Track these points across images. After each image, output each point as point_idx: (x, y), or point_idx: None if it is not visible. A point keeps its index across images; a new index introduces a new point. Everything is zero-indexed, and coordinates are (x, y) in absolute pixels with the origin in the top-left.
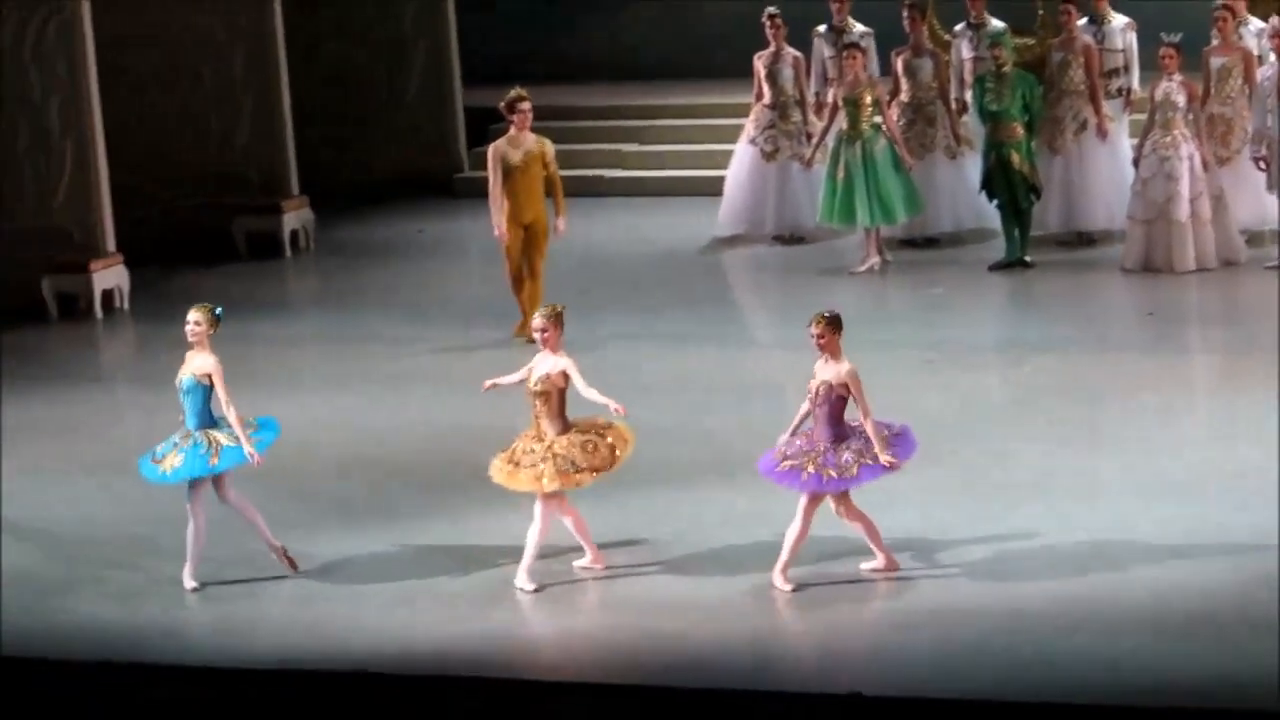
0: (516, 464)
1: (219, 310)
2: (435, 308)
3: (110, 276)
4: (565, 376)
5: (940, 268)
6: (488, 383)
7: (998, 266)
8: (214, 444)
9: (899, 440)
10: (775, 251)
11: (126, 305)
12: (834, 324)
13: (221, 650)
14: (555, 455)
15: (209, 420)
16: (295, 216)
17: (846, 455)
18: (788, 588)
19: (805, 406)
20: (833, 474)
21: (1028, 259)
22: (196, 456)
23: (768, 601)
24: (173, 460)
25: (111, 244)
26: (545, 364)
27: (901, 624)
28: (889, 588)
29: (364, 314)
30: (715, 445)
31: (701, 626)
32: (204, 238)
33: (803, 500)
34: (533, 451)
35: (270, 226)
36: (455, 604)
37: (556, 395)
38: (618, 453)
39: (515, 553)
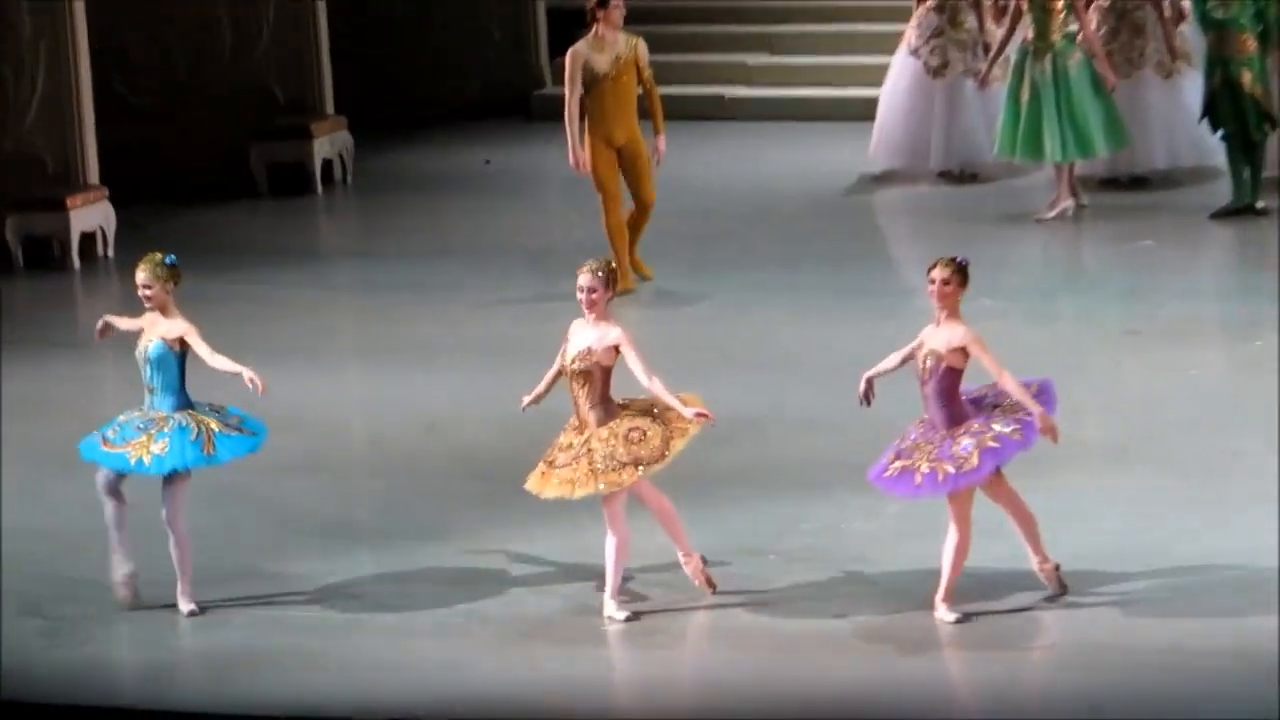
0: (551, 464)
1: (170, 258)
2: (504, 258)
3: (91, 216)
4: (615, 352)
5: (1150, 215)
6: (526, 400)
7: (1222, 214)
8: (205, 429)
9: (1041, 397)
10: (941, 192)
11: (111, 252)
12: (963, 273)
13: (220, 695)
14: (592, 452)
15: (186, 400)
16: (329, 142)
17: (965, 442)
18: (951, 618)
19: (893, 360)
20: (949, 469)
21: (1260, 205)
22: (185, 444)
23: (927, 635)
24: (148, 446)
25: (94, 175)
26: (586, 335)
27: (1086, 664)
28: (1075, 618)
29: (413, 266)
30: (859, 438)
31: (844, 667)
32: (213, 168)
33: (949, 503)
34: (570, 448)
35: (297, 155)
36: (526, 639)
37: (600, 376)
38: (672, 443)
39: (597, 572)
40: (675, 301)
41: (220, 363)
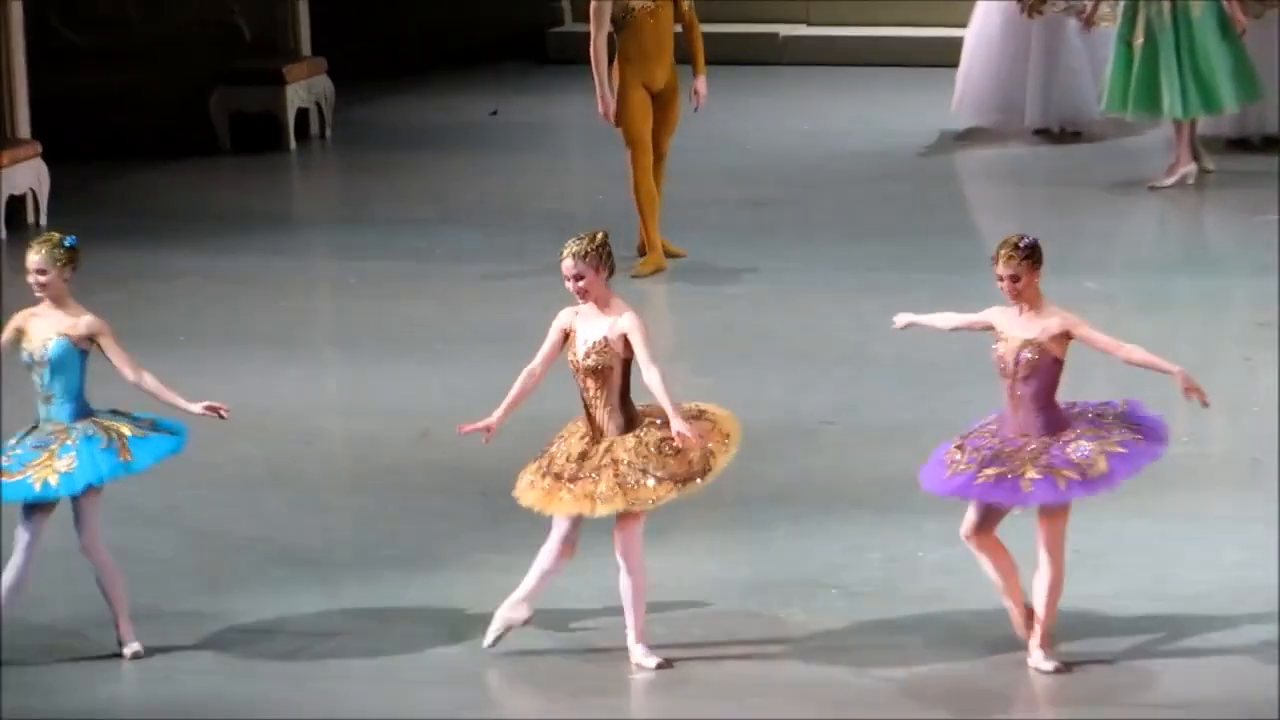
0: (558, 477)
1: (70, 240)
2: (514, 227)
3: (21, 176)
4: (627, 343)
5: None
6: (492, 420)
7: None
8: (115, 435)
9: (1139, 427)
10: (1038, 153)
11: (44, 219)
12: (1033, 256)
13: None
14: (617, 463)
15: (87, 407)
16: (305, 89)
17: (1083, 446)
18: (1048, 666)
19: (947, 322)
20: (1071, 475)
21: None
22: (95, 453)
23: (1019, 687)
24: (51, 464)
25: (25, 128)
26: (596, 324)
27: None
28: (1195, 669)
29: (405, 237)
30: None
31: None
32: (166, 119)
33: (1040, 527)
34: (585, 458)
35: (266, 103)
36: (539, 689)
37: (620, 370)
38: (714, 459)
39: (617, 614)
40: (716, 281)
41: (150, 383)
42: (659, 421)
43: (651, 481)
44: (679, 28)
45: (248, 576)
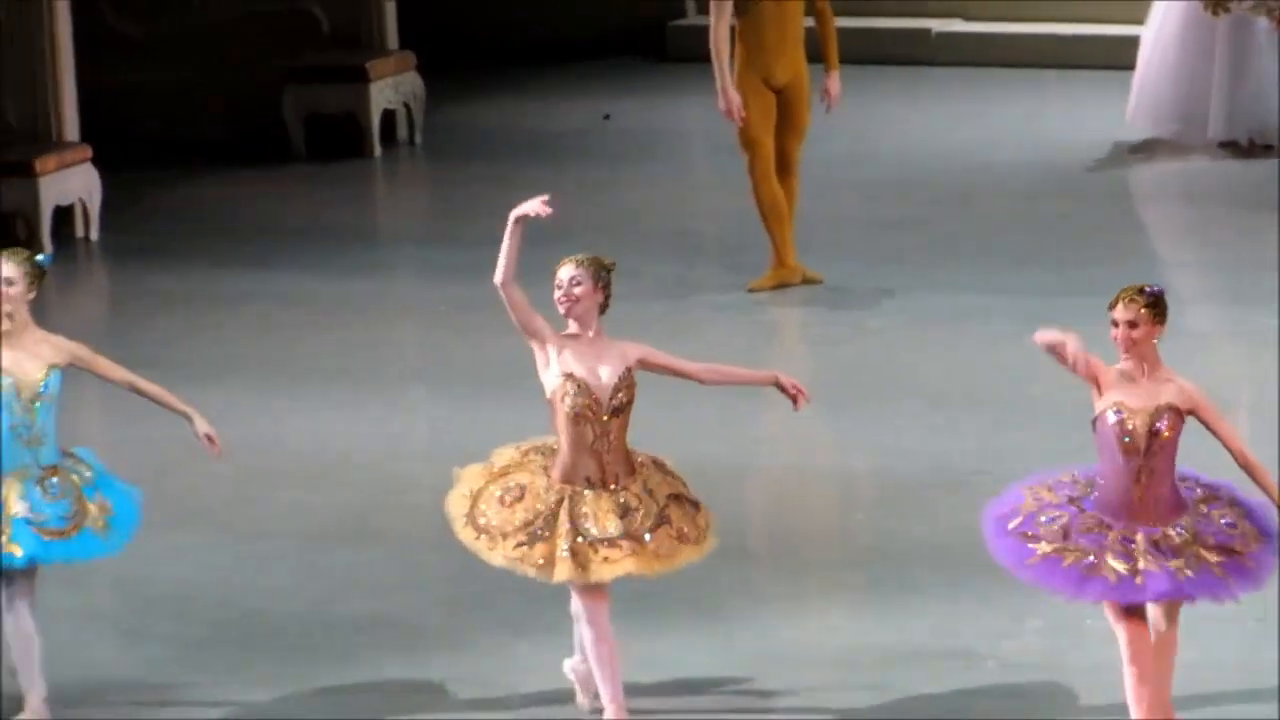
0: (579, 536)
1: (42, 257)
2: (627, 245)
3: (68, 185)
4: (644, 367)
5: None
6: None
7: None
8: (78, 495)
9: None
10: (1222, 169)
11: (95, 233)
12: (1156, 306)
13: None
14: (669, 516)
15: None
16: (391, 87)
17: (1224, 522)
18: None
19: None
20: (1186, 570)
21: None
22: (126, 496)
23: None
24: (89, 512)
25: (73, 131)
26: (600, 361)
27: None
28: None
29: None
30: None
31: None
32: (232, 120)
33: (1121, 626)
34: (608, 511)
35: (347, 103)
36: None
37: (631, 408)
38: (710, 533)
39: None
40: (852, 311)
41: (152, 389)
42: (651, 468)
43: (686, 540)
44: (811, 20)
45: (327, 639)
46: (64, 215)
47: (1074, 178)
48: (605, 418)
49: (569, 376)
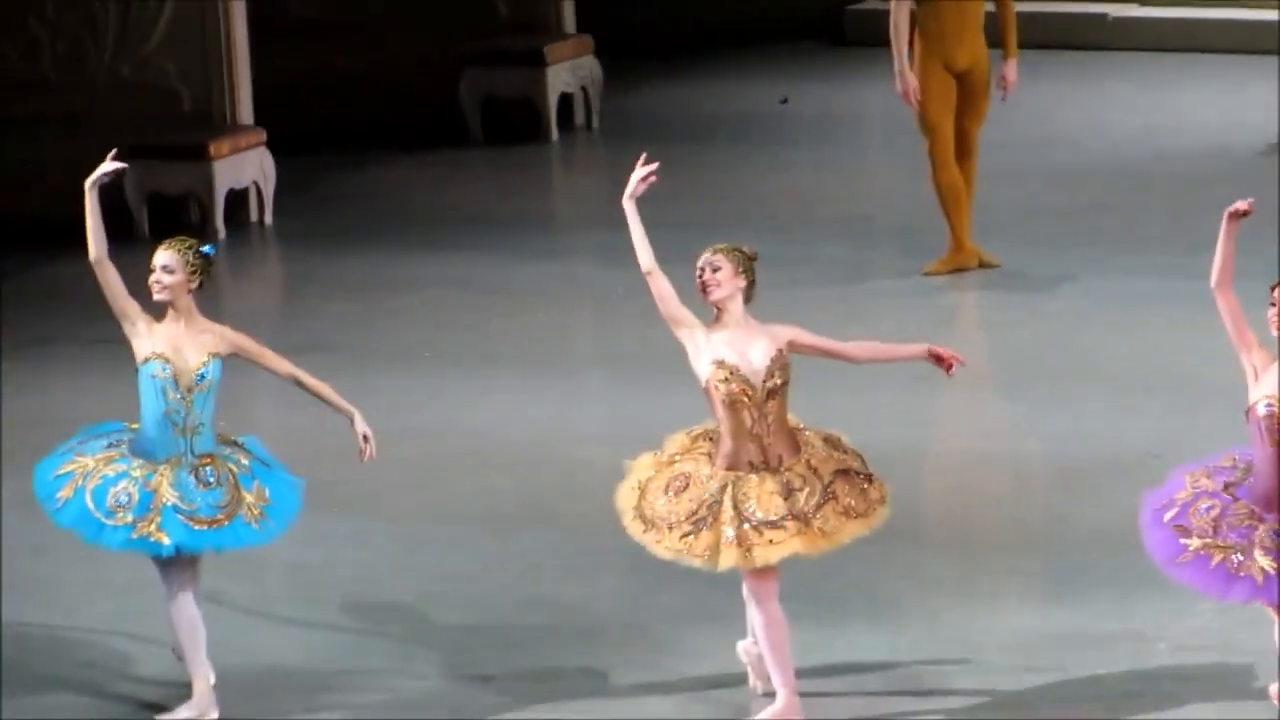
0: (743, 521)
1: (208, 248)
2: (806, 232)
3: (243, 169)
4: (796, 349)
5: None
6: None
7: None
8: (234, 483)
9: None
10: None
11: (269, 217)
12: None
13: None
14: (834, 491)
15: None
16: (569, 71)
17: None
18: None
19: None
20: None
21: None
22: (286, 483)
23: None
24: (246, 500)
25: (247, 114)
26: (749, 344)
27: None
28: None
29: (681, 242)
30: None
31: None
32: (407, 104)
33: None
34: (772, 494)
35: (524, 87)
36: None
37: (788, 390)
38: (883, 505)
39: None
40: (1030, 294)
41: (317, 386)
42: (818, 444)
43: (856, 514)
44: (991, 5)
45: (502, 625)
46: (238, 199)
47: (1249, 162)
48: (761, 401)
49: (720, 364)
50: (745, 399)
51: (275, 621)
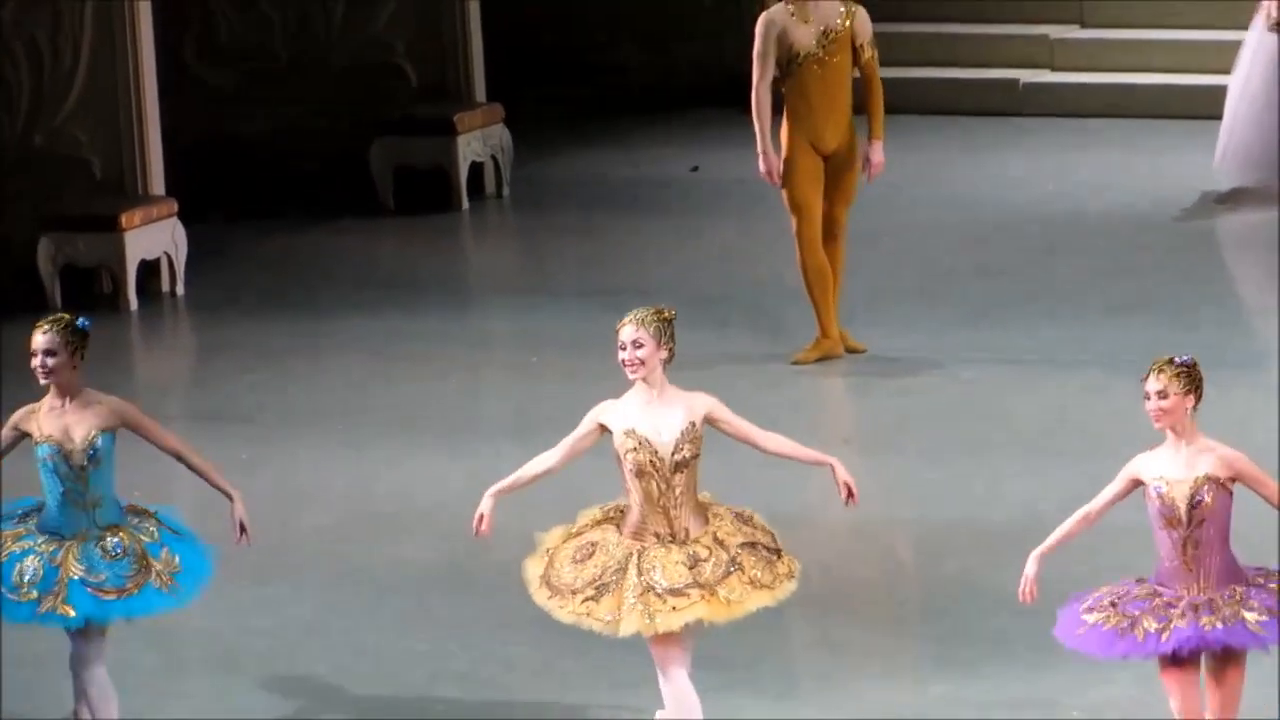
0: (647, 589)
1: (83, 322)
2: (721, 304)
3: (154, 239)
4: (710, 423)
5: None
6: (484, 508)
7: None
8: (141, 552)
9: None
10: None
11: (180, 288)
12: (1192, 379)
13: None
14: (740, 563)
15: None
16: (479, 140)
17: (1262, 595)
18: None
19: (1077, 520)
20: (1215, 622)
21: None
22: (197, 552)
23: None
24: (154, 568)
25: (159, 184)
26: (663, 415)
27: None
28: None
29: (590, 311)
30: None
31: None
32: (319, 172)
33: (1172, 687)
34: (693, 564)
35: (435, 156)
36: None
37: (698, 462)
38: (790, 580)
39: None
40: (944, 360)
41: (197, 461)
42: (725, 518)
43: (771, 581)
44: (859, 73)
45: (415, 696)
46: (150, 269)
47: (1162, 227)
48: (669, 473)
49: (630, 433)
50: (653, 469)
51: (186, 691)
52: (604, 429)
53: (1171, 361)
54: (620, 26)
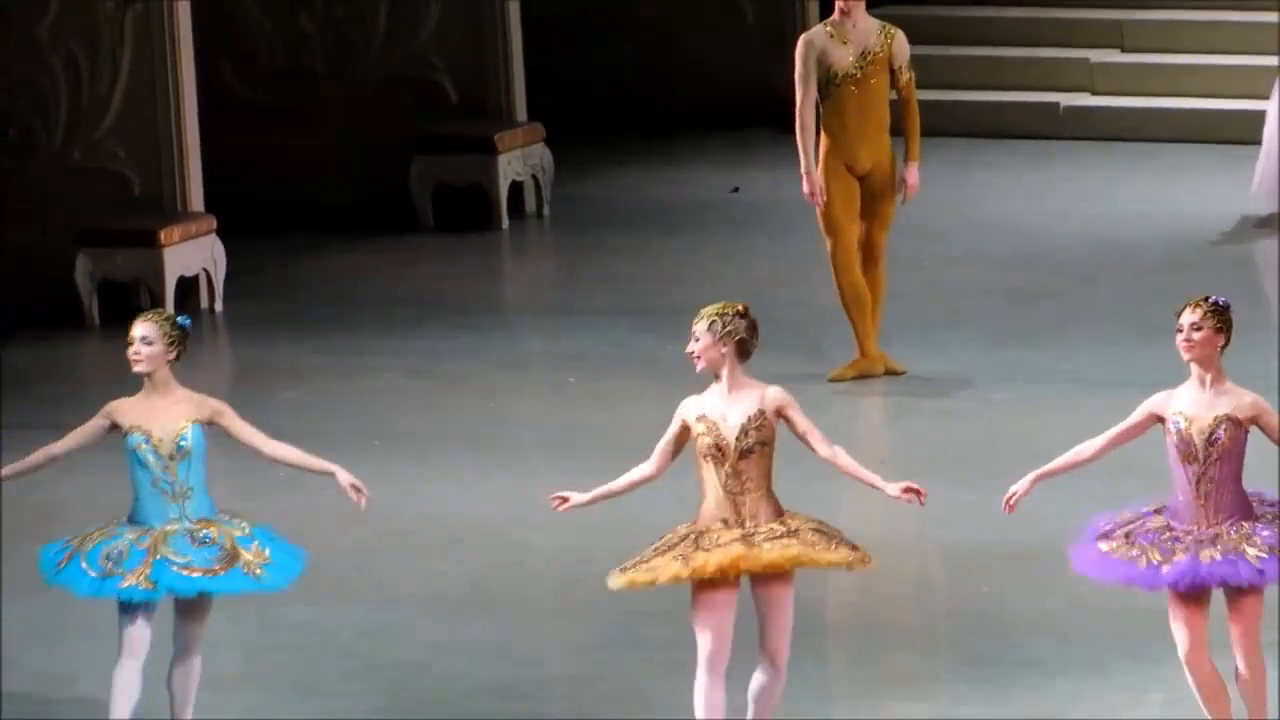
0: (697, 549)
1: (184, 319)
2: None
3: (193, 255)
4: (780, 417)
5: None
6: (570, 501)
7: None
8: (231, 544)
9: None
10: None
11: (219, 304)
12: (1225, 320)
13: None
14: (801, 531)
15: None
16: (519, 159)
17: (1266, 532)
18: None
19: (1090, 449)
20: (1215, 554)
21: None
22: (282, 545)
23: None
24: (243, 556)
25: (198, 200)
26: (735, 404)
27: None
28: None
29: (628, 331)
30: None
31: None
32: (358, 191)
33: (1177, 619)
34: (754, 533)
35: (475, 174)
36: None
37: (772, 450)
38: (850, 552)
39: None
40: (980, 382)
41: (286, 452)
42: (801, 517)
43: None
44: (897, 95)
45: (450, 714)
46: (188, 286)
47: (1199, 252)
48: (735, 459)
49: (701, 418)
50: (719, 453)
51: (217, 705)
52: (686, 424)
53: (1207, 298)
54: (660, 47)
